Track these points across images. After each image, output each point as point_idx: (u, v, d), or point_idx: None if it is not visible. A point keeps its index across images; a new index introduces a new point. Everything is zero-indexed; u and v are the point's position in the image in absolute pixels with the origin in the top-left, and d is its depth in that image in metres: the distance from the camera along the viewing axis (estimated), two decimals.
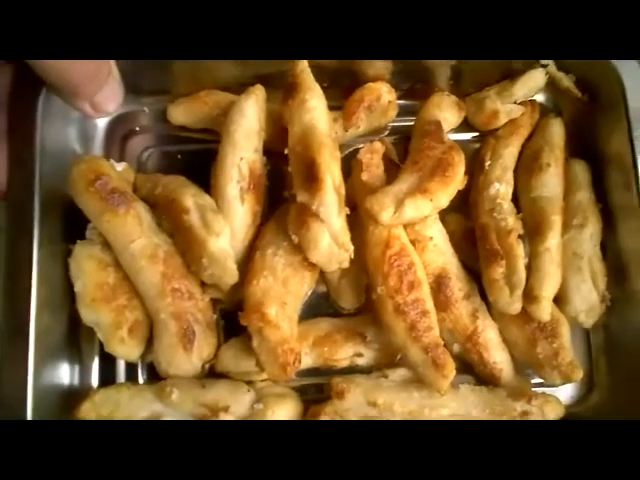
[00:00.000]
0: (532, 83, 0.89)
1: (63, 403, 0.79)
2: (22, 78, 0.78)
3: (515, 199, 0.87)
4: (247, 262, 0.81)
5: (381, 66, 0.90)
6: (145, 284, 0.79)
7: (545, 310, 0.77)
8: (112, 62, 0.79)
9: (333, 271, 0.81)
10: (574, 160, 0.89)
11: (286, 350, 0.75)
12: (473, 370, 0.84)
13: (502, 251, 0.79)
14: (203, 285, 0.81)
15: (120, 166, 0.84)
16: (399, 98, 0.93)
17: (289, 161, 0.80)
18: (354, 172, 0.82)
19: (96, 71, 0.75)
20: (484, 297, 0.82)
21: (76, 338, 0.84)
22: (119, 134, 0.92)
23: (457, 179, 0.79)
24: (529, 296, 0.77)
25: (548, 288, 0.77)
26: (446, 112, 0.89)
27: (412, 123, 0.93)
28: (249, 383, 0.80)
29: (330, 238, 0.75)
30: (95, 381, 0.85)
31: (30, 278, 0.75)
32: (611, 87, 0.85)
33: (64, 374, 0.81)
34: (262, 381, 0.81)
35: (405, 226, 0.79)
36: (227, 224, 0.78)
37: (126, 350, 0.80)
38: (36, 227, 0.77)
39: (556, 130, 0.89)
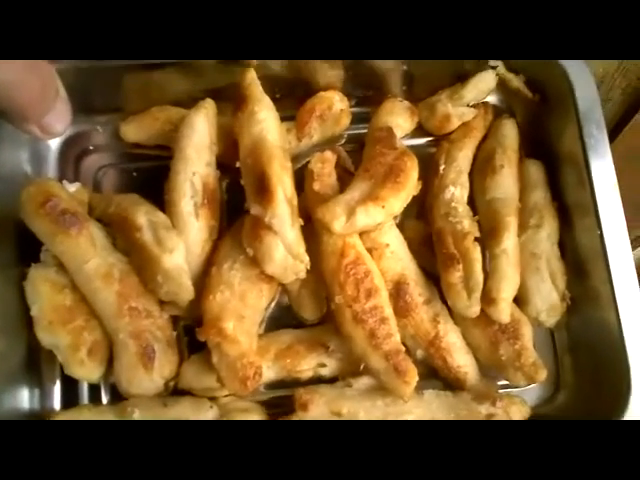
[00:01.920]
0: (482, 85, 0.89)
1: None
2: None
3: (472, 202, 0.87)
4: (204, 278, 0.80)
5: (333, 75, 0.90)
6: (102, 304, 0.78)
7: (504, 312, 0.77)
8: (59, 82, 0.78)
9: (291, 282, 0.81)
10: (529, 160, 0.89)
11: (245, 364, 0.74)
12: (439, 375, 0.83)
13: (459, 255, 0.79)
14: (161, 303, 0.81)
15: (73, 187, 0.84)
16: (354, 106, 0.94)
17: (242, 174, 0.79)
18: (306, 182, 0.81)
19: (43, 92, 0.73)
20: (445, 302, 0.82)
21: (36, 362, 0.82)
22: (73, 154, 0.92)
23: (410, 185, 0.79)
24: (487, 298, 0.77)
25: (506, 290, 0.77)
26: (399, 118, 0.89)
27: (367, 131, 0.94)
28: (213, 399, 0.79)
29: (284, 249, 0.74)
30: (57, 404, 0.84)
31: None
32: (560, 86, 0.85)
33: (24, 398, 0.80)
34: (226, 396, 0.81)
35: (361, 234, 0.79)
36: (181, 240, 0.77)
37: (86, 372, 0.79)
38: None
39: (509, 131, 0.89)
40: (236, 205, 0.86)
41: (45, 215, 0.76)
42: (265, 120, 0.79)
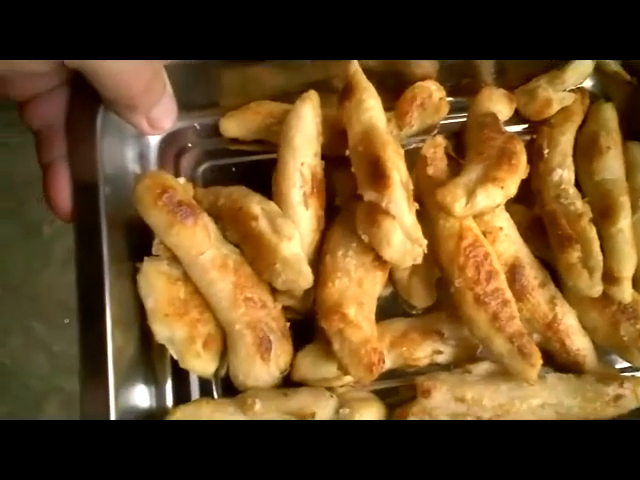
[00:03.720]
0: (582, 69, 0.90)
1: None
2: (78, 100, 0.78)
3: (576, 185, 0.86)
4: (315, 267, 0.79)
5: (428, 65, 0.91)
6: (217, 295, 0.77)
7: (627, 290, 0.76)
8: (166, 77, 0.79)
9: (404, 269, 0.81)
10: (632, 143, 0.89)
11: (369, 350, 0.73)
12: (552, 361, 0.82)
13: (575, 235, 0.78)
14: (274, 293, 0.80)
15: (179, 181, 0.84)
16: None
17: (351, 162, 0.79)
18: (418, 168, 0.81)
19: (152, 84, 0.74)
20: (558, 285, 0.82)
21: (149, 358, 0.82)
22: (172, 152, 0.92)
23: (522, 167, 0.78)
24: (609, 278, 0.76)
25: (628, 268, 0.76)
26: (498, 104, 0.89)
27: (458, 120, 0.95)
28: (328, 389, 0.78)
29: (402, 234, 0.74)
30: (170, 402, 0.83)
31: (103, 298, 0.73)
32: None
33: (142, 395, 0.79)
34: (341, 387, 0.80)
35: (474, 218, 0.79)
36: (296, 228, 0.77)
37: (202, 365, 0.78)
38: (105, 247, 0.76)
39: (609, 114, 0.89)
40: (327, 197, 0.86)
41: (162, 207, 0.75)
42: (374, 108, 0.79)
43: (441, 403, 0.76)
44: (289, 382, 0.80)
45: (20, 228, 1.34)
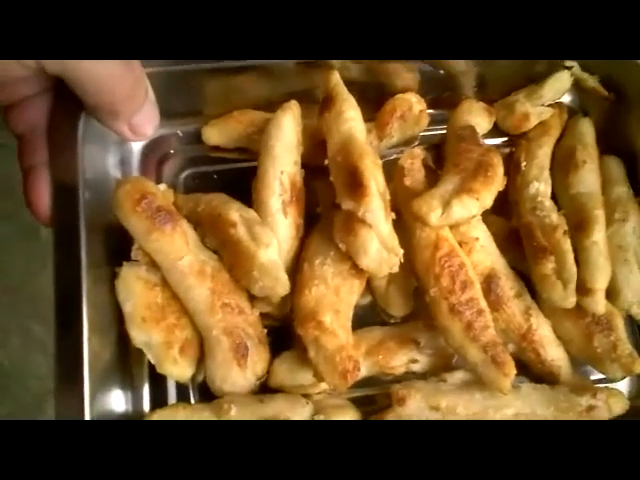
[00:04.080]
0: (559, 84, 0.91)
1: None
2: (60, 106, 0.78)
3: (553, 199, 0.87)
4: (293, 275, 0.80)
5: (409, 77, 0.92)
6: (195, 301, 0.78)
7: (600, 302, 0.77)
8: (148, 84, 0.79)
9: (382, 278, 0.81)
10: (608, 157, 0.91)
11: (344, 358, 0.74)
12: (527, 371, 0.83)
13: (550, 247, 0.79)
14: (252, 300, 0.80)
15: (160, 187, 0.84)
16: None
17: (330, 172, 0.80)
18: (396, 178, 0.82)
19: (134, 90, 0.75)
20: (534, 296, 0.82)
21: (125, 363, 0.82)
22: (154, 158, 0.93)
23: (498, 179, 0.80)
24: (582, 290, 0.77)
25: (600, 280, 0.77)
26: (477, 117, 0.91)
27: (438, 132, 0.97)
28: (304, 396, 0.79)
29: (379, 243, 0.74)
30: (147, 406, 0.83)
31: (80, 302, 0.73)
32: (638, 84, 0.87)
33: (119, 399, 0.79)
34: (318, 394, 0.80)
35: (450, 228, 0.80)
36: (274, 236, 0.78)
37: (179, 370, 0.78)
38: (83, 252, 0.76)
39: (586, 129, 0.91)
40: (308, 207, 0.87)
41: (141, 212, 0.76)
42: (353, 119, 0.80)
43: (415, 411, 0.76)
44: (266, 388, 0.81)
45: (18, 230, 1.36)
